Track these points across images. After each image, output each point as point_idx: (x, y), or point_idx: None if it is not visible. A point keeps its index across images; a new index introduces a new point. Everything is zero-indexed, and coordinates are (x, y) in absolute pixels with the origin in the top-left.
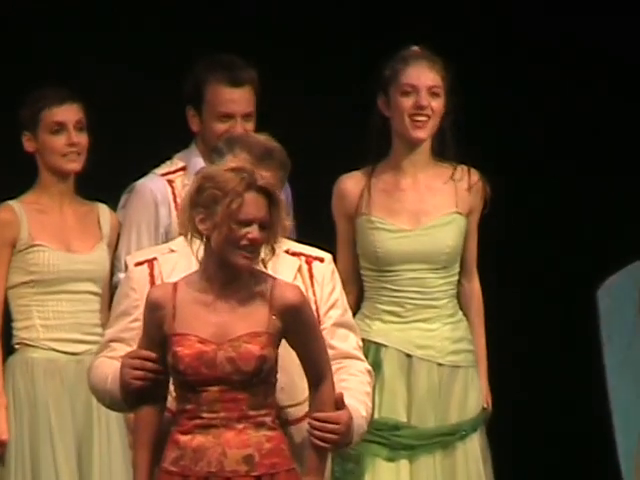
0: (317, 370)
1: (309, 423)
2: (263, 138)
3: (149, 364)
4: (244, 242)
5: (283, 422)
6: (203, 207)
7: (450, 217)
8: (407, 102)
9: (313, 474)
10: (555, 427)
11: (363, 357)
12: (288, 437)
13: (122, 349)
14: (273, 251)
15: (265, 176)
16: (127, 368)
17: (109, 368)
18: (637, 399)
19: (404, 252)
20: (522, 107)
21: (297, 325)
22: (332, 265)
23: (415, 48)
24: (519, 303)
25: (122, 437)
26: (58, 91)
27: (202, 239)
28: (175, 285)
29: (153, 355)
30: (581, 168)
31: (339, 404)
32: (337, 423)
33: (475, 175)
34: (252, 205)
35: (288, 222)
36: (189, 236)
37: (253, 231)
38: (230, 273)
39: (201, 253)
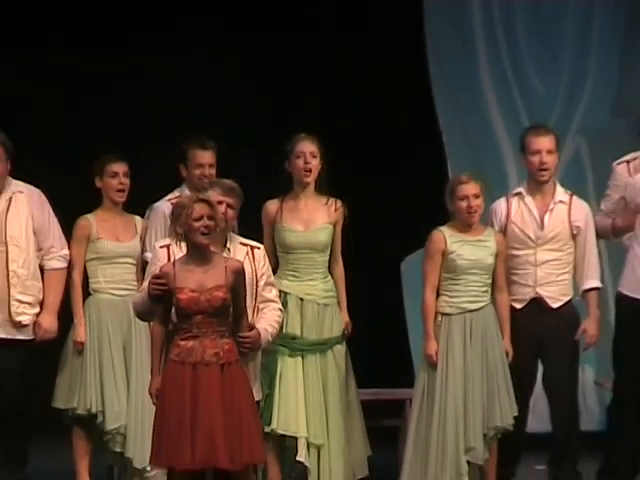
0: (240, 311)
1: (236, 340)
2: (229, 181)
3: (160, 281)
4: (201, 230)
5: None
6: (178, 218)
7: (326, 225)
8: (299, 162)
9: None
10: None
11: (278, 301)
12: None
13: None
14: (220, 232)
15: (208, 195)
16: (150, 285)
17: (142, 293)
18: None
19: (301, 243)
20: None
21: (238, 282)
22: (264, 251)
23: (302, 135)
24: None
25: (148, 341)
26: (112, 155)
27: (182, 237)
28: (174, 262)
29: (163, 280)
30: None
31: (251, 328)
32: (249, 337)
33: (339, 202)
34: (199, 209)
35: (229, 219)
36: (177, 237)
37: (204, 222)
38: (199, 251)
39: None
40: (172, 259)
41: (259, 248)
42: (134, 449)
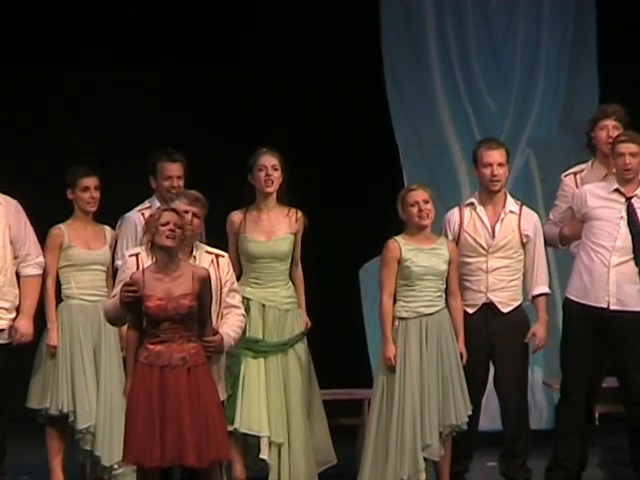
0: (205, 316)
1: (201, 344)
2: (194, 192)
3: (131, 288)
4: (167, 233)
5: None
6: (149, 227)
7: (287, 235)
8: (261, 174)
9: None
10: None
11: (242, 306)
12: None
13: None
14: (185, 239)
15: (177, 205)
16: (122, 292)
17: (113, 299)
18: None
19: (263, 253)
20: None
21: (204, 290)
22: (228, 259)
23: (264, 149)
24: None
25: (117, 344)
26: (83, 169)
27: (152, 245)
28: (144, 270)
29: (134, 287)
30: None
31: (214, 332)
32: (212, 341)
33: (299, 213)
34: (167, 216)
35: (195, 227)
36: (147, 245)
37: (170, 227)
38: (167, 257)
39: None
40: (141, 267)
41: (223, 256)
42: (102, 447)
